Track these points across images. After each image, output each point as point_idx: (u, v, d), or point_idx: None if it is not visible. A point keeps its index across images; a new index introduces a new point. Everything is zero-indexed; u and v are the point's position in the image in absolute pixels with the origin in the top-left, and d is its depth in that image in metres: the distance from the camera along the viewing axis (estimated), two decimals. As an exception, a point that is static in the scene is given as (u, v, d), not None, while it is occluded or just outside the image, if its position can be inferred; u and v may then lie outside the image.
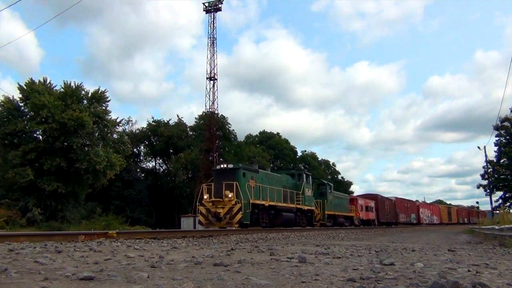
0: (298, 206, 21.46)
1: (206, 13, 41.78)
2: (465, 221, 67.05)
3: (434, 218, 55.85)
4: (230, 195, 16.30)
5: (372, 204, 38.17)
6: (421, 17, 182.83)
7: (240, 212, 15.95)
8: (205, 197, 16.94)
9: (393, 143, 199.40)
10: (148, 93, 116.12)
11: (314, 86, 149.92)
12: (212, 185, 17.17)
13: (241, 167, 18.03)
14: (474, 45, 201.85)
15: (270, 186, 19.09)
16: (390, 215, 42.30)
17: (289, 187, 21.38)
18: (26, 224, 22.04)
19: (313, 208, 23.56)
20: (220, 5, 41.62)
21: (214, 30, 41.40)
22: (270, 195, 18.83)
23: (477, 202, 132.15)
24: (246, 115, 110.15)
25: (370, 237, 15.45)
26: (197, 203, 17.13)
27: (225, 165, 18.23)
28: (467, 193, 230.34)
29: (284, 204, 19.98)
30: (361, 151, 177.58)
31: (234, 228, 15.56)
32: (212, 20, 41.52)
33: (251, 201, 16.56)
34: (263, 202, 17.98)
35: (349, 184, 75.94)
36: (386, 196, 44.54)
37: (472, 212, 74.79)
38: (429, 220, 53.62)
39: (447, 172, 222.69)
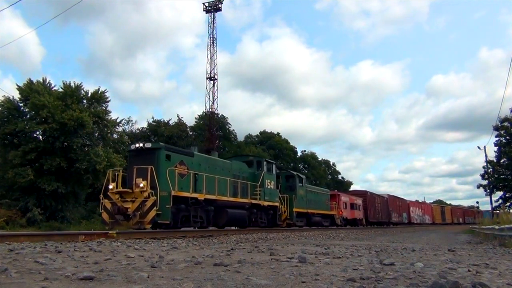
0: (254, 201, 17.28)
1: (206, 13, 41.90)
2: (460, 221, 64.98)
3: (426, 217, 52.93)
4: (142, 184, 12.16)
5: (359, 201, 34.05)
6: (426, 15, 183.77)
7: (155, 208, 11.92)
8: (110, 187, 12.70)
9: (395, 142, 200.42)
10: (150, 92, 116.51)
11: (317, 86, 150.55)
12: (120, 171, 13.30)
13: (163, 147, 13.63)
14: (478, 43, 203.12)
15: (211, 175, 14.88)
16: (381, 214, 38.72)
17: (243, 178, 17.25)
18: (26, 224, 22.02)
19: (276, 204, 19.33)
20: (220, 5, 41.73)
21: (214, 30, 41.53)
22: (210, 186, 14.64)
23: (477, 202, 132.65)
24: (248, 114, 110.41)
25: (370, 237, 15.45)
26: (101, 195, 12.92)
27: (141, 144, 13.50)
28: (467, 193, 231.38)
29: (232, 199, 15.75)
30: (362, 150, 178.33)
31: (146, 229, 11.88)
32: (212, 20, 41.61)
33: (173, 193, 12.39)
34: (195, 195, 13.73)
35: (349, 184, 75.96)
36: (377, 193, 40.81)
37: (468, 212, 73.07)
38: (420, 220, 50.71)
39: (449, 172, 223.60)
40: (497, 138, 40.03)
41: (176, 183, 12.88)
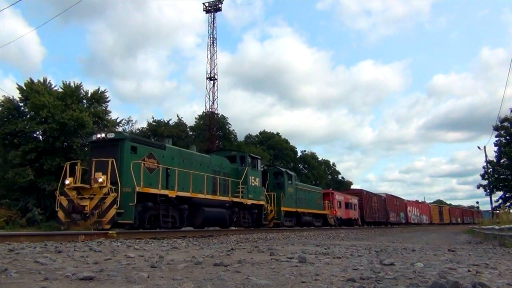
0: (236, 199, 16.01)
1: (206, 13, 41.90)
2: (458, 221, 64.20)
3: (423, 217, 51.73)
4: (100, 179, 10.88)
5: (354, 200, 32.86)
6: (427, 14, 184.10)
7: (115, 206, 10.64)
8: (67, 182, 11.32)
9: (396, 142, 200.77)
10: (150, 92, 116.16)
11: (318, 85, 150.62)
12: (79, 164, 11.95)
13: (128, 138, 12.29)
14: (480, 43, 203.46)
15: (185, 170, 13.56)
16: (378, 213, 37.72)
17: (224, 174, 16.05)
18: (26, 224, 22.03)
19: (262, 202, 18.03)
20: (220, 5, 41.75)
21: (214, 30, 41.53)
22: (184, 183, 13.35)
23: (477, 202, 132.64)
24: (249, 114, 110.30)
25: (370, 237, 15.45)
26: (57, 192, 11.66)
27: (103, 135, 12.04)
28: (468, 193, 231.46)
29: (209, 196, 14.42)
30: (363, 150, 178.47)
31: (106, 230, 10.31)
32: (212, 20, 41.62)
33: (137, 189, 11.10)
34: (164, 192, 12.43)
35: (349, 184, 75.92)
36: (375, 192, 39.74)
37: (466, 212, 72.45)
38: (417, 219, 49.63)
39: (449, 172, 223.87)
40: (497, 138, 40.10)
41: (142, 178, 11.56)
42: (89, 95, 27.92)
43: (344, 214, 30.32)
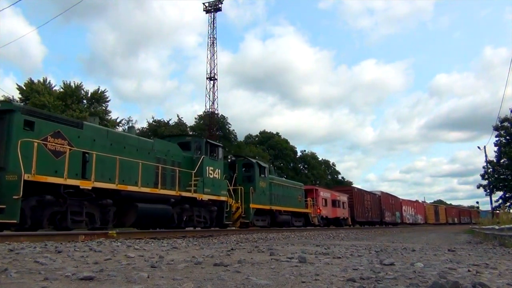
0: (186, 194, 13.30)
1: (206, 13, 41.97)
2: (455, 221, 63.27)
3: (418, 217, 50.45)
4: None
5: (343, 198, 30.48)
6: (430, 13, 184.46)
7: None
8: None
9: (397, 142, 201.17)
10: (151, 91, 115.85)
11: (320, 85, 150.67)
12: None
13: (21, 109, 9.37)
14: (483, 42, 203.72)
15: (111, 155, 10.87)
16: (372, 212, 35.73)
17: (172, 163, 13.35)
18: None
19: (223, 198, 15.26)
20: (220, 5, 41.83)
21: (214, 30, 41.62)
22: (109, 171, 10.74)
23: (477, 202, 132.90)
24: (250, 114, 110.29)
25: (370, 237, 15.46)
26: None
27: None
28: (468, 193, 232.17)
29: (147, 189, 11.75)
30: (364, 150, 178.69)
31: None
32: (212, 20, 41.68)
33: (26, 177, 8.47)
34: (73, 182, 9.68)
35: (349, 184, 75.99)
36: (368, 190, 37.97)
37: (464, 212, 71.83)
38: (412, 219, 48.23)
39: (450, 172, 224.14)
40: (497, 138, 40.16)
41: (35, 162, 8.75)
42: (89, 95, 27.98)
43: (330, 213, 28.08)
